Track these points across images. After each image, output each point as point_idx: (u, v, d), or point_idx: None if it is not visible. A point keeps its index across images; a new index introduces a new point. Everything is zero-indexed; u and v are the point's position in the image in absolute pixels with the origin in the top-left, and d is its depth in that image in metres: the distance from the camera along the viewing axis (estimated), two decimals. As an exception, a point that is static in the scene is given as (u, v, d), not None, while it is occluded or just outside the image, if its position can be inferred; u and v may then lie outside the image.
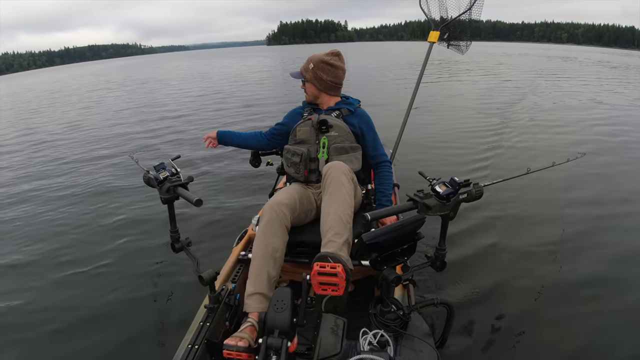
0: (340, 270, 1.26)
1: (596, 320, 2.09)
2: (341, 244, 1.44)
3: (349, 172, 1.65)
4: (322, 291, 1.29)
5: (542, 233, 2.98)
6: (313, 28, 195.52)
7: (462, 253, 2.68)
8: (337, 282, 1.27)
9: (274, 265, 1.54)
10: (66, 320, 2.22)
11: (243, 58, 44.41)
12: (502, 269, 2.55)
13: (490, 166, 4.54)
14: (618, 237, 2.93)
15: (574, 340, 1.94)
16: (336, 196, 1.55)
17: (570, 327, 2.04)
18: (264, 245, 1.55)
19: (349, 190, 1.59)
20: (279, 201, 1.64)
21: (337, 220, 1.49)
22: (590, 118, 7.11)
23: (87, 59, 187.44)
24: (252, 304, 1.48)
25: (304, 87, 1.98)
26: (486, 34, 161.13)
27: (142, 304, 2.33)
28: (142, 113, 9.49)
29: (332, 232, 1.47)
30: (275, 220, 1.58)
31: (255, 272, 1.52)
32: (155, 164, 1.58)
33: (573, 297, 2.26)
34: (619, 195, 3.69)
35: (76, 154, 6.00)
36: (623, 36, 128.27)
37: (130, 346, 2.00)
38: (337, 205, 1.53)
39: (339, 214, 1.51)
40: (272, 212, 1.59)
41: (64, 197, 4.18)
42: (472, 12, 2.57)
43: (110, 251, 2.96)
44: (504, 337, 1.97)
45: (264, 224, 1.58)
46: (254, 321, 1.43)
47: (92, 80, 25.08)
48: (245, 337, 1.32)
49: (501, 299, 2.26)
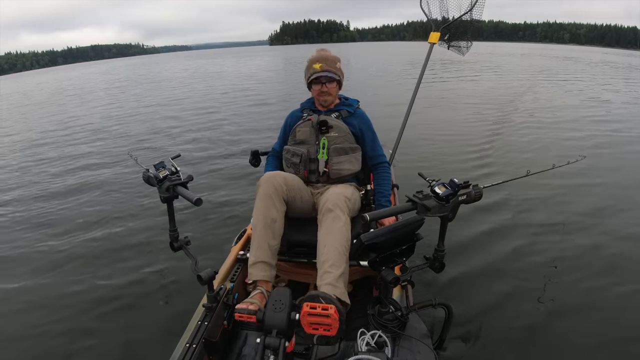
0: (332, 312, 1.23)
1: (596, 320, 2.09)
2: (337, 276, 1.43)
3: (346, 201, 1.61)
4: (313, 331, 1.25)
5: (541, 235, 2.98)
6: (315, 28, 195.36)
7: (461, 254, 2.67)
8: (329, 323, 1.24)
9: (273, 234, 1.60)
10: (64, 320, 2.22)
11: (251, 57, 44.54)
12: (501, 270, 2.55)
13: (490, 168, 4.53)
14: (618, 239, 2.91)
15: (574, 341, 1.94)
16: (333, 229, 1.53)
17: (570, 327, 2.04)
18: (263, 216, 1.59)
19: (346, 222, 1.57)
20: (275, 174, 1.69)
21: (334, 252, 1.48)
22: (592, 119, 7.09)
23: (89, 58, 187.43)
24: (256, 272, 1.54)
25: (326, 89, 1.87)
26: (488, 34, 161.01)
27: (140, 303, 2.34)
28: (180, 110, 9.55)
29: (328, 264, 1.46)
30: (273, 192, 1.62)
31: (257, 242, 1.58)
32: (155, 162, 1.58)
33: (572, 298, 2.26)
34: (620, 196, 3.68)
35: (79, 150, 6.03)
36: (625, 36, 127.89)
37: (128, 345, 2.00)
38: (333, 237, 1.51)
39: (335, 246, 1.49)
40: (268, 183, 1.64)
41: (72, 191, 4.22)
42: (473, 13, 2.56)
43: (109, 250, 2.97)
44: (501, 339, 1.96)
45: (262, 195, 1.63)
46: (262, 289, 1.49)
47: (112, 78, 25.13)
48: (256, 302, 1.39)
49: (500, 300, 2.25)
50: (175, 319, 2.06)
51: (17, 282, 2.62)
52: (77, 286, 2.54)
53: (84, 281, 2.58)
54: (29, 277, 2.67)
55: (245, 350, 1.55)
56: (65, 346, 2.03)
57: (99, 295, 2.42)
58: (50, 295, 2.46)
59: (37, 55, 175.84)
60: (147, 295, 2.40)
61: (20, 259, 2.91)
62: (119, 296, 2.40)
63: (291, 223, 1.74)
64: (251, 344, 1.57)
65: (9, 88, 24.85)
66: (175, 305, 2.27)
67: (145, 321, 2.17)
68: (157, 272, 2.63)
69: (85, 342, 2.04)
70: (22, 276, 2.69)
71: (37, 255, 2.96)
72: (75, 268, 2.74)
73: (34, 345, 2.06)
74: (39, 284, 2.58)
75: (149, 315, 2.22)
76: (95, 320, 2.20)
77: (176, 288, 2.43)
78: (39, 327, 2.18)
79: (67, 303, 2.37)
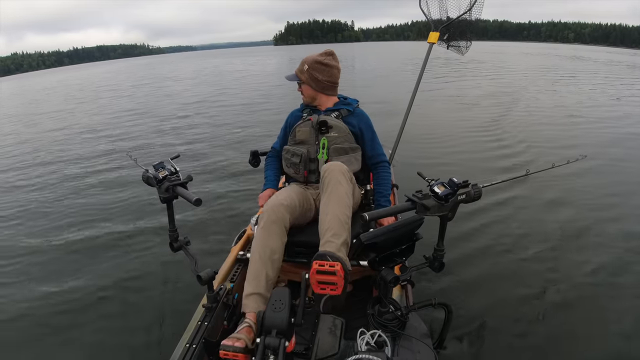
0: (338, 269, 1.26)
1: (595, 320, 2.08)
2: (339, 245, 1.43)
3: (347, 172, 1.64)
4: (320, 290, 1.29)
5: (541, 234, 2.97)
6: (320, 28, 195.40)
7: (461, 254, 2.67)
8: (335, 281, 1.27)
9: (272, 266, 1.54)
10: (63, 320, 2.23)
11: (262, 57, 44.82)
12: (501, 270, 2.55)
13: (490, 167, 4.50)
14: (618, 239, 2.90)
15: (573, 341, 1.94)
16: (334, 196, 1.54)
17: (570, 326, 2.03)
18: (262, 247, 1.55)
19: (347, 190, 1.58)
20: (279, 202, 1.63)
21: (336, 221, 1.49)
22: (593, 119, 7.06)
23: (95, 59, 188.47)
24: (250, 304, 1.48)
25: (300, 90, 1.98)
26: (493, 33, 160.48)
27: (140, 303, 2.35)
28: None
29: (330, 233, 1.46)
30: (275, 222, 1.58)
31: (254, 273, 1.52)
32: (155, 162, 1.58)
33: (572, 298, 2.25)
34: (620, 196, 3.65)
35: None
36: (630, 36, 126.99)
37: (128, 345, 2.01)
38: (335, 205, 1.52)
39: (337, 215, 1.50)
40: (271, 213, 1.59)
41: (73, 191, 4.23)
42: (472, 13, 2.56)
43: (108, 250, 2.98)
44: (501, 338, 1.96)
45: (263, 226, 1.58)
46: (251, 322, 1.42)
47: (132, 76, 25.75)
48: (242, 338, 1.32)
49: (499, 300, 2.25)
50: (175, 319, 2.08)
51: (17, 282, 2.64)
52: (77, 286, 2.55)
53: (84, 282, 2.60)
54: (29, 277, 2.69)
55: None
56: (65, 346, 2.04)
57: (99, 296, 2.43)
58: (49, 295, 2.48)
59: (44, 56, 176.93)
60: (147, 296, 2.41)
61: (20, 259, 2.93)
62: (118, 297, 2.42)
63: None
64: None
65: (47, 83, 25.50)
66: (175, 305, 2.28)
67: (145, 321, 2.17)
68: (157, 273, 2.64)
69: (85, 342, 2.05)
70: (21, 277, 2.70)
71: (37, 255, 2.98)
72: (75, 268, 2.76)
73: (34, 345, 2.07)
74: (38, 284, 2.60)
75: (148, 316, 2.23)
76: (95, 321, 2.21)
77: (176, 288, 2.44)
78: (39, 327, 2.19)
79: (66, 303, 2.38)
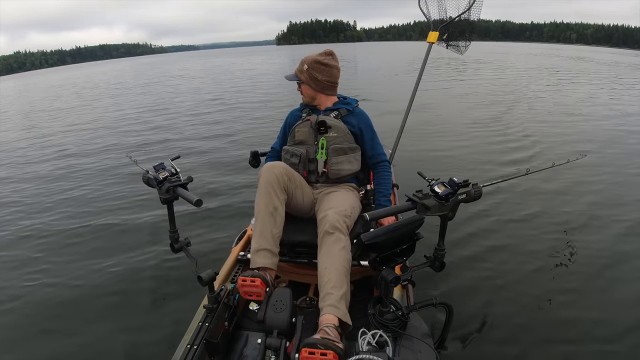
0: (331, 358, 1.21)
1: (598, 319, 2.07)
2: (339, 297, 1.43)
3: (344, 222, 1.58)
4: None
5: (542, 234, 2.97)
6: (322, 28, 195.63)
7: (462, 253, 2.67)
8: None
9: (275, 222, 1.61)
10: (64, 321, 2.24)
11: (268, 56, 44.96)
12: (502, 269, 2.54)
13: (490, 166, 4.50)
14: (619, 238, 2.90)
15: (573, 341, 1.93)
16: (332, 252, 1.52)
17: (571, 326, 2.03)
18: (265, 204, 1.61)
19: (346, 243, 1.55)
20: (276, 163, 1.71)
21: (335, 274, 1.47)
22: (594, 118, 7.06)
23: (98, 58, 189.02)
24: (259, 260, 1.55)
25: (300, 90, 1.98)
26: (495, 34, 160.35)
27: (141, 304, 2.35)
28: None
29: (330, 285, 1.45)
30: (274, 181, 1.64)
31: (259, 229, 1.59)
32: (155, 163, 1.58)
33: (573, 297, 2.25)
34: (620, 197, 3.65)
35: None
36: (632, 36, 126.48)
37: (129, 346, 2.01)
38: (334, 259, 1.50)
39: (336, 267, 1.48)
40: (269, 172, 1.65)
41: (75, 190, 4.23)
42: (471, 13, 2.57)
43: (109, 250, 2.98)
44: (502, 337, 1.96)
45: (263, 184, 1.64)
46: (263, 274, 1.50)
47: (140, 75, 26.11)
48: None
49: (500, 299, 2.25)
50: (176, 320, 2.08)
51: (16, 282, 2.64)
52: (77, 287, 2.56)
53: (84, 282, 2.60)
54: (28, 277, 2.69)
55: (247, 351, 1.55)
56: (66, 347, 2.04)
57: (99, 297, 2.43)
58: (49, 295, 2.48)
59: (46, 55, 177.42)
60: (147, 297, 2.42)
61: (20, 260, 2.94)
62: (119, 298, 2.42)
63: (291, 223, 1.73)
64: (252, 344, 1.56)
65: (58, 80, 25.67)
66: (176, 306, 2.28)
67: (146, 322, 2.17)
68: (157, 274, 2.64)
69: (86, 343, 2.05)
70: (21, 278, 2.71)
71: (36, 255, 2.99)
72: (75, 269, 2.76)
73: (33, 345, 2.08)
74: (38, 284, 2.60)
75: (149, 317, 2.23)
76: (96, 322, 2.21)
77: (177, 289, 2.44)
78: (39, 327, 2.20)
79: (66, 304, 2.39)
